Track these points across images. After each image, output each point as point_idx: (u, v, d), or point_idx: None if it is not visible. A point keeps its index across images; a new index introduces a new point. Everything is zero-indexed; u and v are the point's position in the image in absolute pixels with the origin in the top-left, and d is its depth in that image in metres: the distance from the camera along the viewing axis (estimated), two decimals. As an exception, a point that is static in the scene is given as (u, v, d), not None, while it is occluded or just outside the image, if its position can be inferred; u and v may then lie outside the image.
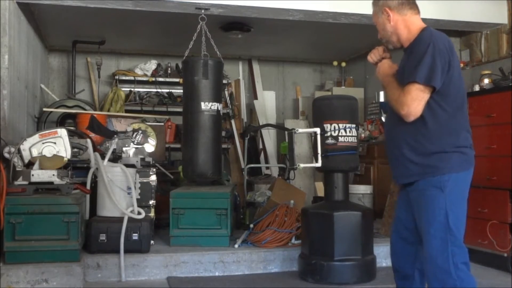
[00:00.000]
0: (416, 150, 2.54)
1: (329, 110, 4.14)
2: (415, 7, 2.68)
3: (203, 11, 4.85)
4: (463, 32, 5.74)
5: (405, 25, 2.64)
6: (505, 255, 4.25)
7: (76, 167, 4.79)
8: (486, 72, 4.86)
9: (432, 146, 2.50)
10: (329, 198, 4.20)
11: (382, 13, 2.67)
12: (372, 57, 2.77)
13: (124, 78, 7.26)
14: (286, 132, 7.33)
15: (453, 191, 2.49)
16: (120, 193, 4.30)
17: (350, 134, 4.08)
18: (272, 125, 7.39)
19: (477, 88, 4.85)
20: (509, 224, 4.23)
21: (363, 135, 6.63)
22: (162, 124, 6.50)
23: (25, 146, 4.07)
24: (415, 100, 2.44)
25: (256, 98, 8.01)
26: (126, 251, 4.06)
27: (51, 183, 4.03)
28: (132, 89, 7.29)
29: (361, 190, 5.78)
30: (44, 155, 4.08)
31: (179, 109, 5.68)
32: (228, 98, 7.51)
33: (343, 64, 7.90)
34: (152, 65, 7.39)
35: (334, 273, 3.94)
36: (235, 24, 6.17)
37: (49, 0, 4.57)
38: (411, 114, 2.46)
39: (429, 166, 2.51)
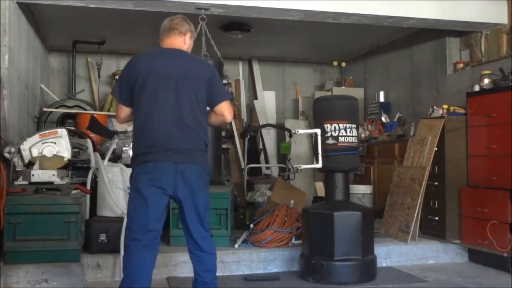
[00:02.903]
0: None
1: (329, 110, 4.13)
2: None
3: (203, 11, 4.85)
4: (463, 32, 5.74)
5: None
6: (505, 255, 4.23)
7: (76, 167, 4.78)
8: (486, 72, 4.85)
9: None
10: (329, 198, 4.20)
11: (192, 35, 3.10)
12: None
13: (124, 78, 7.24)
14: (286, 132, 7.34)
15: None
16: (120, 193, 4.30)
17: (351, 134, 4.08)
18: (272, 125, 7.39)
19: (477, 88, 4.85)
20: (509, 224, 4.22)
21: (363, 135, 6.62)
22: (162, 124, 6.48)
23: (25, 146, 4.07)
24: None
25: (256, 98, 8.01)
26: (126, 251, 4.05)
27: (51, 183, 4.03)
28: (132, 89, 7.27)
29: (361, 190, 5.76)
30: (44, 155, 4.08)
31: (179, 109, 5.66)
32: (228, 98, 7.49)
33: (343, 64, 7.89)
34: (152, 65, 7.38)
35: (334, 273, 3.94)
36: (235, 24, 6.17)
37: (49, 0, 4.57)
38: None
39: None
